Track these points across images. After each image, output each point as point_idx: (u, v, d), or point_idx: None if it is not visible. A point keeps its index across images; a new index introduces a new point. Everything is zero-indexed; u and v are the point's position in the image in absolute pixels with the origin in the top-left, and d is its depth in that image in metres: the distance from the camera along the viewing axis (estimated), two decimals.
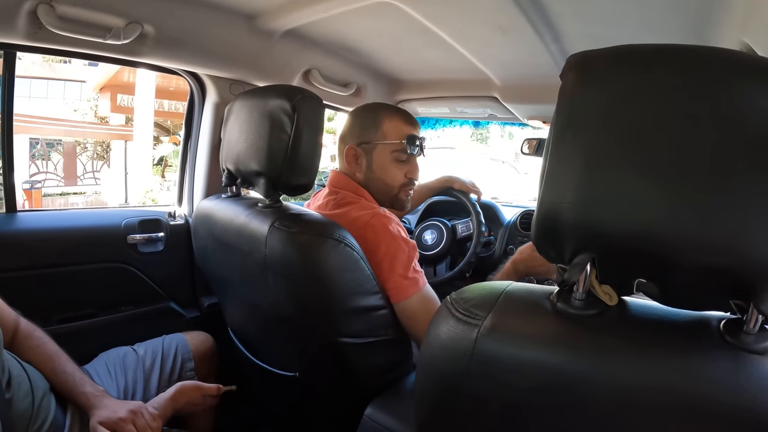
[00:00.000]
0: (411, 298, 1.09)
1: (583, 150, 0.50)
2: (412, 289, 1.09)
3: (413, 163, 1.30)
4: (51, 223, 1.47)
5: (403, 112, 1.32)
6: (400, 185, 1.29)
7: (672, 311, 0.53)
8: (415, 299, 1.10)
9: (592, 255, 0.51)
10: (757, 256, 0.45)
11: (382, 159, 1.26)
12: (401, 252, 1.10)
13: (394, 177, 1.28)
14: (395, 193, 1.30)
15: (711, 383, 0.46)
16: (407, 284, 1.09)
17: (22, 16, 1.11)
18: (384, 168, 1.27)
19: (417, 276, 1.12)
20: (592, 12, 1.16)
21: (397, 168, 1.28)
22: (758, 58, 0.48)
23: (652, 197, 0.47)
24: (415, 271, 1.11)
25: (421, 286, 1.11)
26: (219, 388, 1.17)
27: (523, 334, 0.54)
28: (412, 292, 1.09)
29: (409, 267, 1.10)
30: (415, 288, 1.10)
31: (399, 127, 1.26)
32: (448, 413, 0.60)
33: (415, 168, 1.31)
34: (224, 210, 1.21)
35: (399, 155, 1.26)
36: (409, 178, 1.30)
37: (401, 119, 1.28)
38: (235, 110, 1.20)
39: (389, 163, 1.27)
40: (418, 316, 1.09)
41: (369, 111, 1.31)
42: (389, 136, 1.25)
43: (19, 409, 0.87)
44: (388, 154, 1.26)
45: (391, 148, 1.26)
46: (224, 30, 1.43)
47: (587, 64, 0.52)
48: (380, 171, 1.27)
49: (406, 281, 1.09)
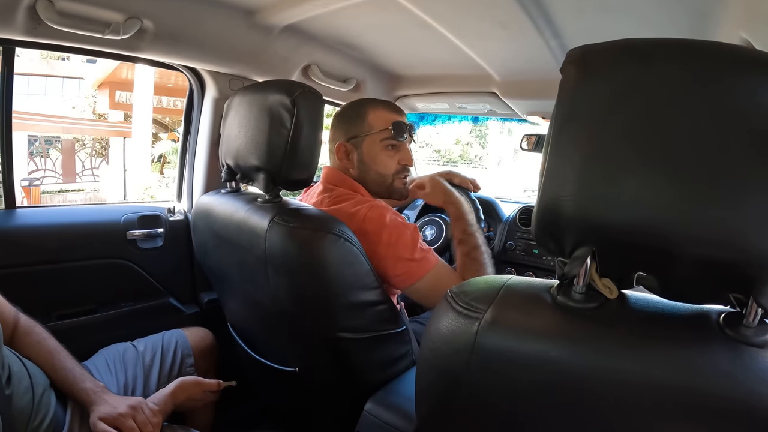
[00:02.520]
0: (424, 277, 1.11)
1: (583, 143, 0.50)
2: (423, 269, 1.11)
3: (405, 150, 1.29)
4: (50, 220, 1.47)
5: (387, 102, 1.31)
6: (394, 173, 1.28)
7: (672, 305, 0.54)
8: (430, 276, 1.11)
9: (592, 248, 0.51)
10: (757, 249, 0.45)
11: (372, 149, 1.26)
12: (403, 236, 1.10)
13: (386, 165, 1.27)
14: (390, 182, 1.29)
15: (711, 376, 0.46)
16: (416, 266, 1.10)
17: (21, 12, 1.11)
18: (375, 158, 1.26)
19: (426, 255, 1.13)
20: (592, 7, 1.16)
21: (388, 156, 1.27)
22: (759, 53, 0.48)
23: (653, 191, 0.47)
24: (422, 251, 1.12)
25: (433, 263, 1.13)
26: (219, 384, 1.17)
27: (524, 328, 0.54)
28: (425, 271, 1.11)
29: (416, 248, 1.11)
30: (427, 267, 1.11)
31: (384, 115, 1.26)
32: (449, 407, 0.60)
33: (407, 154, 1.29)
34: (224, 205, 1.21)
35: (388, 143, 1.26)
36: (403, 165, 1.29)
37: (385, 108, 1.28)
38: (234, 105, 1.20)
39: (379, 152, 1.26)
40: (433, 292, 1.10)
41: (353, 106, 1.31)
42: (376, 125, 1.25)
43: (19, 405, 0.86)
44: (377, 143, 1.25)
45: (379, 137, 1.25)
46: (224, 25, 1.43)
47: (588, 57, 0.52)
48: (372, 162, 1.26)
49: (414, 263, 1.10)
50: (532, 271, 1.92)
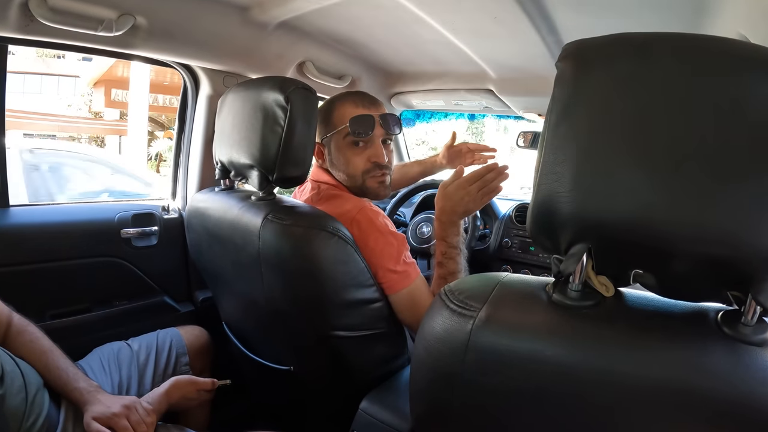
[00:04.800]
0: (401, 291, 1.08)
1: (579, 139, 0.49)
2: (403, 283, 1.08)
3: (375, 146, 1.20)
4: (44, 218, 1.46)
5: (358, 95, 1.23)
6: (363, 172, 1.20)
7: (669, 302, 0.53)
8: (406, 292, 1.09)
9: (588, 245, 0.51)
10: (756, 247, 0.44)
11: (338, 149, 1.21)
12: (389, 246, 1.08)
13: (353, 164, 1.20)
14: (360, 182, 1.21)
15: (708, 374, 0.45)
16: (397, 278, 1.08)
17: (14, 8, 1.10)
18: (341, 157, 1.21)
19: (407, 269, 1.10)
20: (588, 3, 1.15)
21: (354, 154, 1.20)
22: (757, 47, 0.47)
23: (650, 187, 0.46)
24: (405, 264, 1.10)
25: (412, 278, 1.10)
26: (213, 383, 1.17)
27: (519, 326, 0.54)
28: (403, 286, 1.08)
29: (399, 260, 1.09)
30: (407, 281, 1.09)
31: (346, 111, 1.19)
32: (443, 406, 0.59)
33: (377, 151, 1.20)
34: (217, 203, 1.20)
35: (351, 140, 1.18)
36: (373, 163, 1.20)
37: (351, 104, 1.20)
38: (228, 102, 1.19)
39: (345, 150, 1.20)
40: (409, 308, 1.09)
41: (325, 105, 1.25)
42: (338, 123, 1.19)
43: (12, 405, 0.86)
44: (341, 141, 1.19)
45: (341, 134, 1.19)
46: (217, 22, 1.42)
47: (584, 52, 0.51)
48: (338, 162, 1.21)
49: (396, 275, 1.08)
50: (529, 269, 1.91)
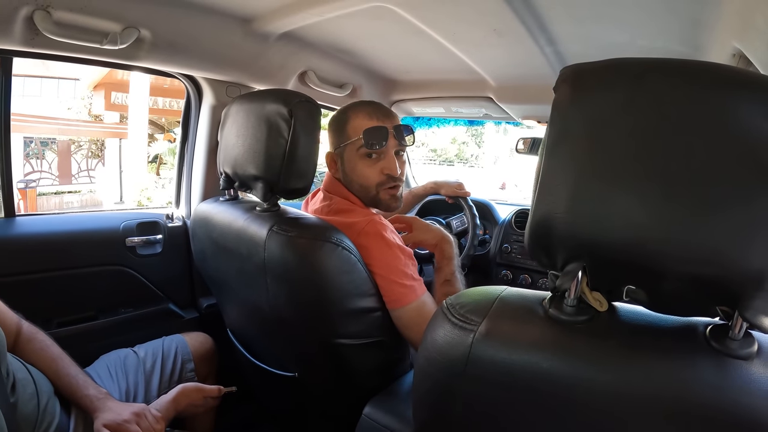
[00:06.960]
0: (406, 306, 1.08)
1: (574, 163, 0.51)
2: (408, 298, 1.08)
3: (388, 158, 1.21)
4: (50, 227, 1.48)
5: (372, 106, 1.23)
6: (377, 184, 1.21)
7: (660, 317, 0.55)
8: (411, 308, 1.09)
9: (583, 263, 0.53)
10: (743, 266, 0.46)
11: (351, 160, 1.21)
12: (396, 260, 1.09)
13: (366, 176, 1.21)
14: (373, 193, 1.22)
15: (696, 387, 0.47)
16: (403, 292, 1.08)
17: (19, 23, 1.11)
18: (354, 169, 1.21)
19: (414, 284, 1.10)
20: (587, 16, 1.17)
21: (367, 166, 1.21)
22: (748, 73, 0.49)
23: (642, 210, 0.48)
24: (412, 279, 1.10)
25: (418, 294, 1.10)
26: (220, 390, 1.19)
27: (517, 339, 0.56)
28: (408, 301, 1.08)
29: (406, 275, 1.09)
30: (412, 297, 1.09)
31: (360, 123, 1.19)
32: (444, 416, 0.61)
33: (390, 163, 1.21)
34: (222, 213, 1.22)
35: (364, 152, 1.19)
36: (387, 175, 1.21)
37: (365, 115, 1.20)
38: (232, 113, 1.21)
39: (358, 162, 1.21)
40: (414, 325, 1.09)
41: (339, 114, 1.26)
42: (352, 135, 1.20)
43: (24, 412, 0.87)
44: (355, 153, 1.20)
45: (355, 146, 1.19)
46: (220, 34, 1.44)
47: (580, 77, 0.53)
48: (352, 173, 1.22)
49: (403, 289, 1.08)
50: (528, 273, 1.93)
